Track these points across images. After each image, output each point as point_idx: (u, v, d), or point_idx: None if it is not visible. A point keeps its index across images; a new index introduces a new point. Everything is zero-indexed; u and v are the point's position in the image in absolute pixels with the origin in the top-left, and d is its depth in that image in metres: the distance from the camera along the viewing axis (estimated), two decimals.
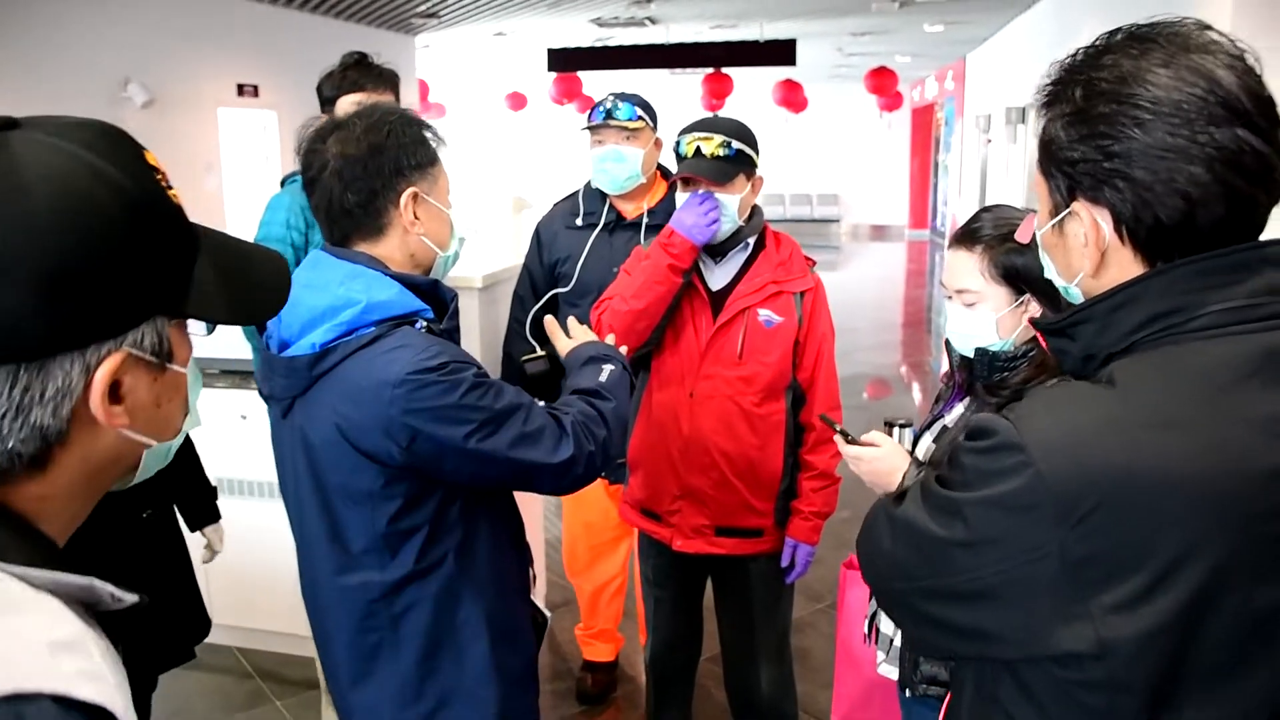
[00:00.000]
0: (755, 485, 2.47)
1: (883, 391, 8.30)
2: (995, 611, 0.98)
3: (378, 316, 1.48)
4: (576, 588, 3.58)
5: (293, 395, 1.54)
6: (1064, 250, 1.09)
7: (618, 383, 1.75)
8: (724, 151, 2.35)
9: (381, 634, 1.56)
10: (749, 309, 2.42)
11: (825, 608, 4.13)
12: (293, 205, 2.82)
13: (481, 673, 1.59)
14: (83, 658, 0.68)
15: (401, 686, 1.57)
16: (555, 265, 3.13)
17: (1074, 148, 1.01)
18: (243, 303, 0.90)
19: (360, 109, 1.63)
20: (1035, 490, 0.93)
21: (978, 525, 0.98)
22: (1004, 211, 1.83)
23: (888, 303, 13.38)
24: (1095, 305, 1.03)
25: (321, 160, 1.56)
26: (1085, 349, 1.05)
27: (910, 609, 1.11)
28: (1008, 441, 0.96)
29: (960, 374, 1.95)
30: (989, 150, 14.50)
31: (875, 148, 21.04)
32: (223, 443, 3.50)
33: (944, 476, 1.04)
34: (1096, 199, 1.02)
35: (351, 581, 1.54)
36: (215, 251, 0.88)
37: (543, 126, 19.64)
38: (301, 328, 1.52)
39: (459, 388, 1.44)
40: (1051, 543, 0.93)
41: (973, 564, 0.98)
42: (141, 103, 7.98)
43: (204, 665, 3.62)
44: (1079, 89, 1.01)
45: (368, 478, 1.48)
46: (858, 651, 2.29)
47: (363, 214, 1.56)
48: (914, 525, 1.05)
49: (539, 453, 1.51)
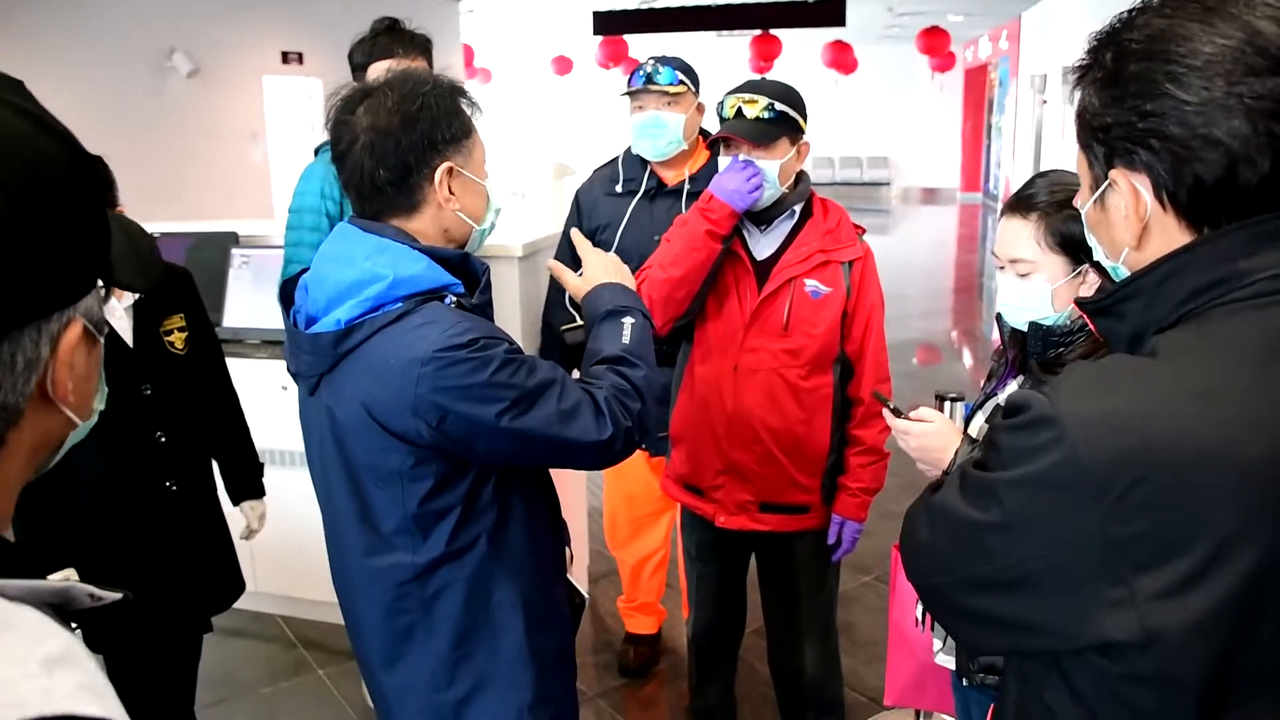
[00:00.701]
0: (801, 461, 2.40)
1: (933, 358, 8.16)
2: (1035, 600, 0.93)
3: (405, 292, 1.42)
4: (618, 560, 3.54)
5: (319, 373, 1.49)
6: (1107, 225, 1.04)
7: (642, 341, 1.65)
8: (767, 114, 2.26)
9: (414, 617, 1.52)
10: (795, 279, 2.34)
11: (871, 580, 4.07)
12: (327, 175, 2.78)
13: (516, 656, 1.55)
14: (79, 670, 0.63)
15: (435, 670, 1.53)
16: (595, 233, 3.06)
17: (1107, 112, 0.97)
18: (146, 266, 0.87)
19: (391, 76, 1.55)
20: (1069, 467, 0.88)
21: (1013, 507, 0.92)
22: (1060, 176, 1.72)
23: (938, 268, 13.15)
24: (1140, 279, 0.97)
25: (351, 132, 1.49)
26: (1134, 327, 0.99)
27: (951, 605, 1.06)
28: (1041, 415, 0.91)
29: (1012, 349, 1.86)
30: (1044, 112, 14.17)
31: (926, 109, 20.65)
32: (264, 414, 3.49)
33: (981, 459, 0.99)
34: (1133, 164, 0.97)
35: (382, 563, 1.50)
36: None
37: (588, 91, 19.52)
38: (328, 303, 1.47)
39: (489, 365, 1.38)
40: (1090, 523, 0.87)
41: (1009, 549, 0.93)
42: (186, 72, 8.03)
43: (248, 633, 3.65)
44: (1109, 53, 0.97)
45: (397, 458, 1.43)
46: (910, 634, 2.22)
47: (395, 191, 1.49)
48: (950, 511, 1.00)
49: (576, 430, 1.45)
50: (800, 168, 2.37)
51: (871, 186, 20.94)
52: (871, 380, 2.42)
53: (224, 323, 3.64)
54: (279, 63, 9.13)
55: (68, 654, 0.64)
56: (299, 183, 2.87)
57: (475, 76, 15.47)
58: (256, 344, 3.62)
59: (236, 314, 3.68)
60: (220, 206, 7.23)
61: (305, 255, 2.80)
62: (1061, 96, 12.74)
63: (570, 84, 18.70)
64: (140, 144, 7.25)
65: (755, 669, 3.28)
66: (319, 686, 3.36)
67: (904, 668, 2.33)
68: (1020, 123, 15.86)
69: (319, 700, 3.28)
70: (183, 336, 2.33)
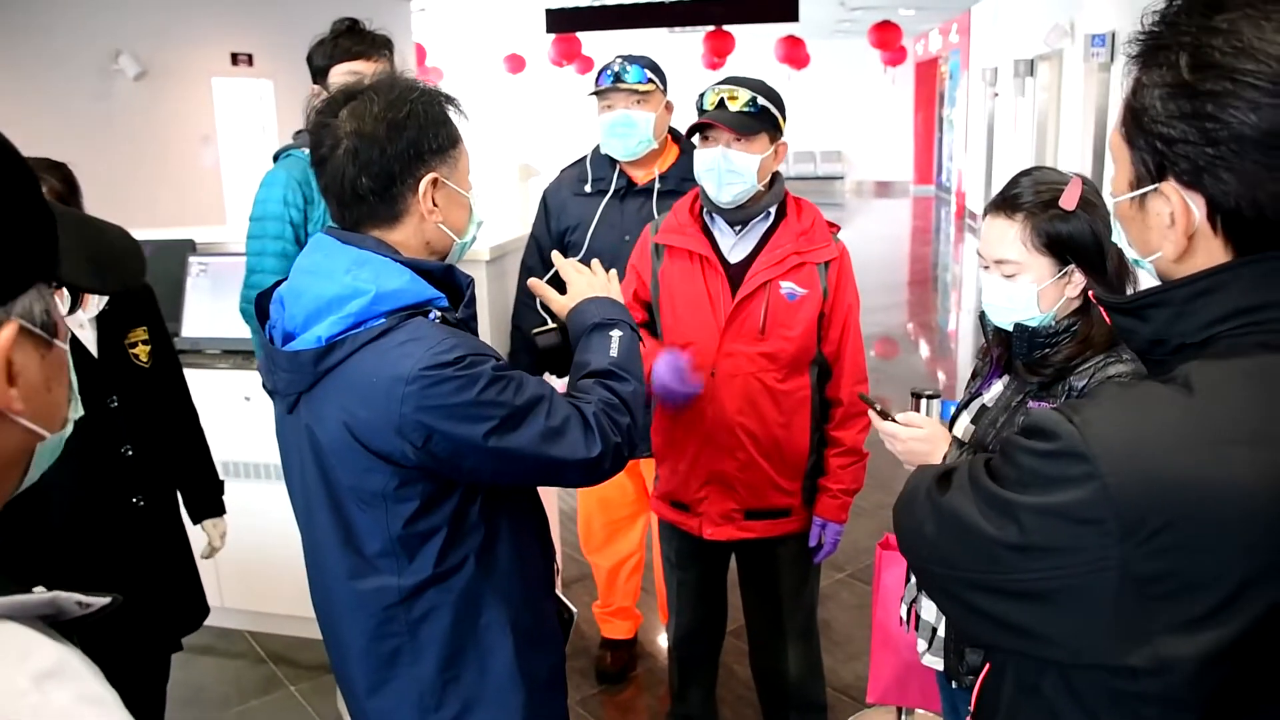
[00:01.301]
0: (782, 464, 2.38)
1: (890, 351, 8.20)
2: (1044, 614, 0.91)
3: (388, 307, 1.38)
4: (593, 565, 3.51)
5: (298, 391, 1.44)
6: (1141, 226, 0.98)
7: (630, 355, 1.62)
8: (749, 108, 2.24)
9: (400, 640, 1.47)
10: (770, 282, 2.31)
11: (845, 578, 4.07)
12: (289, 181, 2.71)
13: (506, 678, 1.51)
14: (75, 682, 0.62)
15: (422, 694, 1.49)
16: (564, 234, 3.02)
17: (1172, 124, 0.89)
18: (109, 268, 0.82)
19: (377, 80, 1.49)
20: (1100, 504, 0.85)
21: (1033, 531, 0.89)
22: (1044, 175, 1.72)
23: (893, 261, 13.25)
24: (1174, 290, 0.93)
25: (334, 136, 1.43)
26: (1156, 333, 0.96)
27: (950, 595, 1.03)
28: (1072, 449, 0.87)
29: (997, 349, 1.85)
30: (995, 104, 14.31)
31: (879, 103, 20.81)
32: (226, 425, 3.42)
33: (996, 470, 0.95)
34: (1191, 184, 0.90)
35: (367, 586, 1.45)
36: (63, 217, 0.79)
37: (542, 89, 19.42)
38: (306, 318, 1.41)
39: (477, 383, 1.34)
40: (1112, 557, 0.84)
41: (1023, 566, 0.90)
42: (134, 75, 7.85)
43: (216, 650, 3.57)
44: (1185, 55, 0.88)
45: (381, 478, 1.38)
46: (894, 632, 2.22)
47: (377, 200, 1.44)
48: (961, 518, 0.97)
49: (564, 448, 1.42)
50: (777, 168, 2.35)
51: (825, 180, 21.04)
52: (850, 381, 2.40)
53: (183, 333, 3.55)
54: (229, 64, 8.97)
55: (60, 666, 0.62)
56: (260, 189, 2.79)
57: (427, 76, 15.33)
58: (217, 354, 3.53)
59: (196, 323, 3.59)
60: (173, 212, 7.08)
61: (268, 264, 2.73)
62: (1013, 89, 12.88)
63: (523, 82, 18.59)
64: (88, 149, 7.06)
65: (734, 670, 3.26)
66: (291, 702, 3.29)
67: (887, 666, 2.33)
68: (972, 115, 16.02)
69: (292, 716, 3.21)
70: (146, 350, 2.29)
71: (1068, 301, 1.70)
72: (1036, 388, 1.72)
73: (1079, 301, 1.71)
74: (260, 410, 3.20)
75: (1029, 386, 1.73)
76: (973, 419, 1.84)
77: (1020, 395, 1.74)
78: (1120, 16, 8.25)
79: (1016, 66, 12.54)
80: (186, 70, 8.50)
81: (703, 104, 2.29)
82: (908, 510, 1.09)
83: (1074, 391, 1.67)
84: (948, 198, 18.28)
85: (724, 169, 2.25)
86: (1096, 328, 1.67)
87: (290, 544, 3.24)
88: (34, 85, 7.03)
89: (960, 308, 10.39)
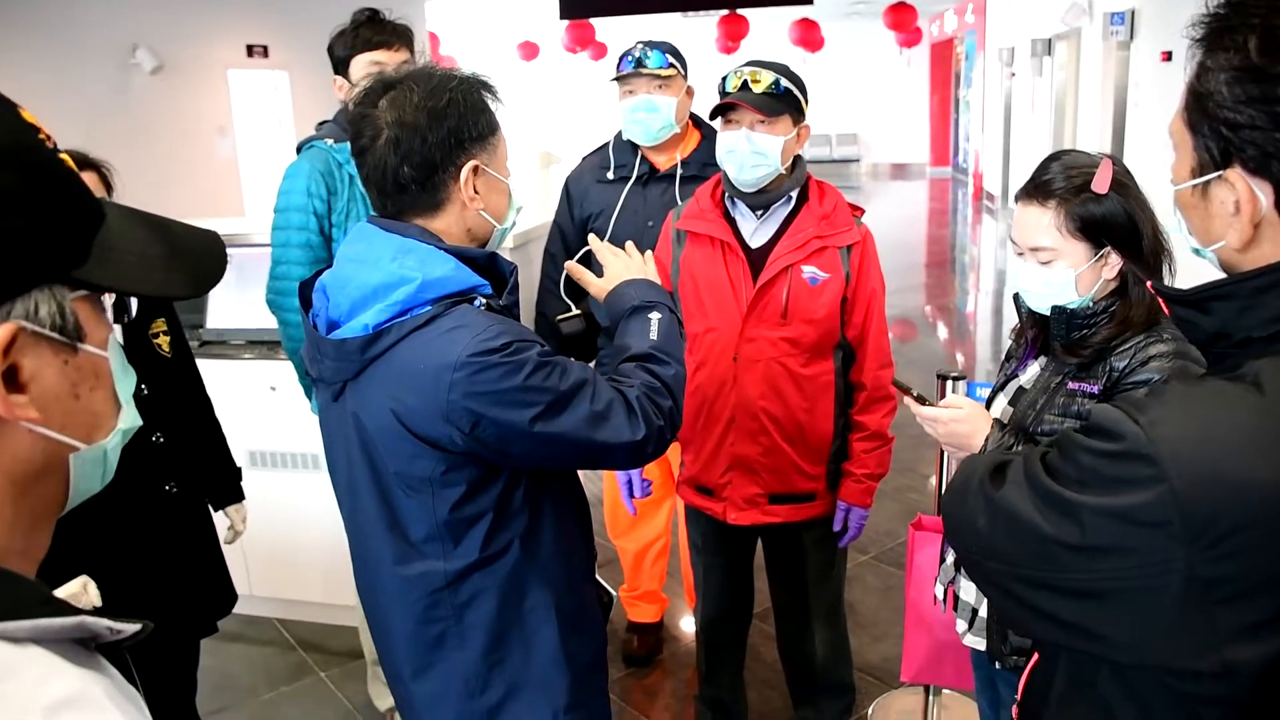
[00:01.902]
0: (805, 449, 2.39)
1: (909, 334, 8.18)
2: (1103, 614, 0.89)
3: (434, 294, 1.39)
4: (619, 549, 3.53)
5: (344, 379, 1.45)
6: (1204, 215, 0.96)
7: (670, 336, 1.62)
8: (773, 90, 2.24)
9: (446, 624, 1.49)
10: (792, 267, 2.31)
11: (869, 560, 4.08)
12: (312, 172, 2.72)
13: (550, 661, 1.53)
14: (91, 711, 0.60)
15: (467, 678, 1.51)
16: (587, 221, 3.03)
17: (1239, 110, 0.87)
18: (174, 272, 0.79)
19: (417, 70, 1.50)
20: (1166, 507, 0.83)
21: (1095, 532, 0.87)
22: (1074, 159, 1.71)
23: (910, 243, 13.17)
24: (1241, 283, 0.91)
25: (374, 126, 1.44)
26: (1220, 326, 0.93)
27: (1004, 590, 1.01)
28: (1137, 450, 0.85)
29: (1032, 330, 1.84)
30: (1013, 84, 14.20)
31: (894, 85, 20.65)
32: (252, 415, 3.45)
33: (1054, 466, 0.93)
34: (1258, 171, 0.88)
35: (413, 571, 1.47)
36: (126, 219, 0.77)
37: (556, 76, 19.37)
38: (352, 307, 1.42)
39: (523, 369, 1.35)
40: (1177, 560, 0.83)
41: (1083, 566, 0.89)
42: (150, 69, 7.89)
43: (246, 638, 3.61)
44: (1254, 37, 0.85)
45: (428, 464, 1.40)
46: (928, 612, 2.23)
47: (419, 189, 1.45)
48: (1017, 515, 0.94)
49: (609, 432, 1.43)
50: (799, 151, 2.35)
51: (841, 164, 20.92)
52: (874, 365, 2.40)
53: (208, 324, 3.58)
54: (244, 56, 8.99)
55: (78, 696, 0.60)
56: (283, 181, 2.81)
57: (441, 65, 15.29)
58: (241, 344, 3.56)
59: (220, 315, 3.61)
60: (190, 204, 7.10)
61: (293, 255, 2.75)
62: (1030, 69, 12.77)
63: (537, 70, 18.55)
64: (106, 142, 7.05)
65: (759, 653, 3.27)
66: (321, 689, 3.32)
67: (921, 645, 2.34)
68: (988, 96, 15.90)
69: (322, 703, 3.25)
70: (167, 340, 2.36)
71: (1105, 284, 1.69)
72: (1075, 368, 1.72)
73: (1116, 283, 1.70)
74: (286, 400, 3.22)
75: (1067, 368, 1.73)
76: (1010, 401, 1.84)
77: (1059, 377, 1.74)
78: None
79: (1034, 46, 12.43)
80: (203, 63, 8.53)
81: (725, 86, 2.28)
82: (959, 502, 1.06)
83: (1114, 371, 1.66)
84: (964, 179, 18.16)
85: (747, 151, 2.25)
86: (1135, 308, 1.67)
87: (318, 532, 3.26)
88: (52, 79, 7.06)
89: (979, 289, 10.35)
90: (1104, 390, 1.67)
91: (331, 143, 2.74)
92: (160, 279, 0.78)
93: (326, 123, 2.88)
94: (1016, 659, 1.79)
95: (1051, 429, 1.70)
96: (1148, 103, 7.90)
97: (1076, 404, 1.69)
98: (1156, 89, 7.64)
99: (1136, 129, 8.32)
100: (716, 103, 2.30)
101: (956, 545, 1.10)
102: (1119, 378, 1.66)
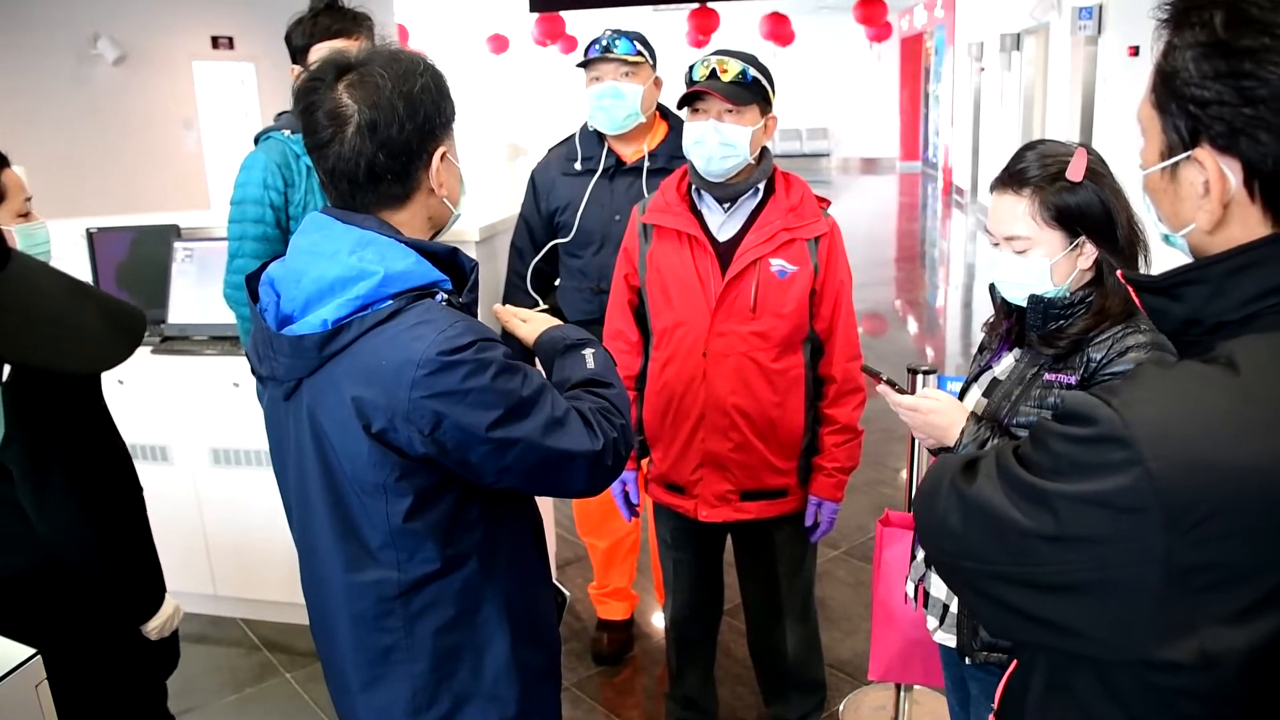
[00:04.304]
0: (776, 444, 2.37)
1: (879, 328, 8.20)
2: (1081, 608, 0.86)
3: (396, 289, 1.33)
4: (589, 546, 3.49)
5: (298, 377, 1.39)
6: (1174, 198, 0.94)
7: (606, 366, 1.60)
8: (741, 78, 2.21)
9: (396, 635, 1.43)
10: (760, 260, 2.29)
11: (841, 555, 4.07)
12: (269, 164, 2.67)
13: (501, 672, 1.48)
14: None
15: (415, 691, 1.45)
16: (554, 214, 2.99)
17: (1206, 86, 0.86)
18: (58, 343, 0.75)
19: (373, 53, 1.41)
20: (1142, 491, 0.80)
21: (1070, 521, 0.85)
22: (1049, 148, 1.69)
23: (881, 237, 13.22)
24: (1211, 266, 0.89)
25: (338, 112, 1.36)
26: (1191, 312, 0.91)
27: (979, 590, 0.98)
28: (1112, 434, 0.83)
29: (1006, 322, 1.83)
30: (982, 79, 14.27)
31: (864, 80, 20.72)
32: (215, 412, 3.39)
33: (1026, 457, 0.91)
34: (1227, 148, 0.87)
35: (365, 579, 1.41)
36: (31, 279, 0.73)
37: (525, 70, 19.28)
38: (307, 301, 1.36)
39: (488, 369, 1.30)
40: (1156, 548, 0.80)
41: (1059, 558, 0.86)
42: (113, 59, 7.76)
43: (210, 639, 3.55)
44: (1219, 13, 0.85)
45: (383, 470, 1.34)
46: (897, 610, 2.21)
47: (393, 179, 1.39)
48: (991, 509, 0.92)
49: (569, 439, 1.38)
50: (767, 142, 2.33)
51: (811, 158, 20.98)
52: (843, 358, 2.38)
53: (169, 319, 3.51)
54: (209, 47, 8.87)
55: None
56: (240, 173, 2.75)
57: None
58: (204, 340, 3.49)
59: (182, 310, 3.54)
60: (155, 197, 7.02)
61: (249, 248, 2.70)
62: (999, 64, 12.84)
63: (507, 63, 18.46)
64: (68, 135, 6.99)
65: (730, 650, 3.26)
66: (287, 691, 3.27)
67: (889, 643, 2.32)
68: (958, 91, 15.97)
69: (288, 705, 3.19)
70: None
71: (1080, 273, 1.69)
72: (1051, 360, 1.71)
73: (1092, 273, 1.70)
74: (249, 396, 3.17)
75: (1043, 359, 1.72)
76: (984, 392, 1.83)
77: (1035, 368, 1.73)
78: None
79: (1003, 41, 12.49)
80: (167, 54, 8.41)
81: (693, 75, 2.25)
82: (930, 503, 1.03)
83: (1092, 363, 1.65)
84: (934, 174, 18.25)
85: (715, 141, 2.22)
86: (1111, 298, 1.66)
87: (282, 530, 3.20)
88: (11, 70, 6.94)
89: (948, 284, 10.39)
90: (1081, 381, 1.66)
91: (289, 133, 2.69)
92: (36, 351, 0.74)
93: (285, 113, 2.83)
94: (986, 655, 1.78)
95: (1027, 420, 1.69)
96: (1116, 97, 7.95)
97: (1053, 395, 1.68)
98: (1124, 84, 7.69)
99: (1104, 123, 8.37)
100: (684, 92, 2.27)
101: (930, 548, 1.07)
102: (1096, 369, 1.65)
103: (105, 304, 0.82)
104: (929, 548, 1.07)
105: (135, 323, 0.85)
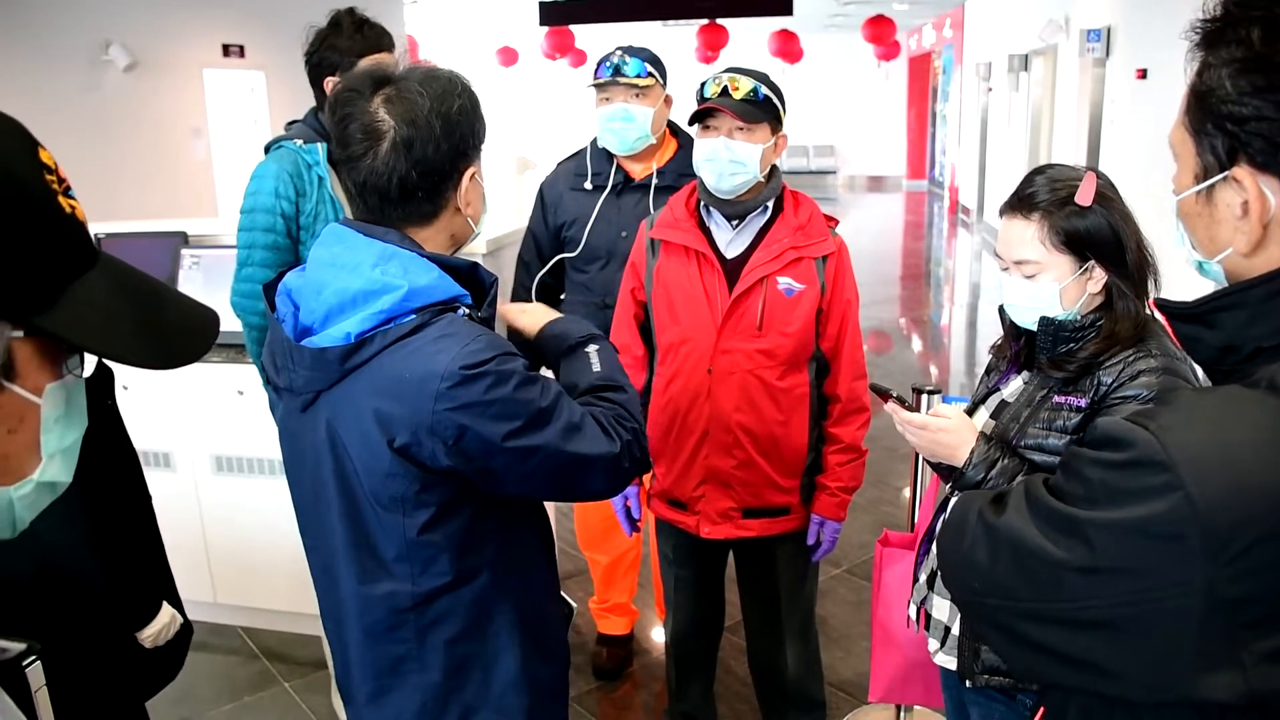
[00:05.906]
0: (780, 463, 2.36)
1: (884, 346, 8.19)
2: (1116, 646, 0.82)
3: (419, 303, 1.34)
4: (590, 560, 3.49)
5: (317, 389, 1.39)
6: (1209, 221, 0.91)
7: (611, 365, 1.61)
8: (753, 96, 2.22)
9: (408, 646, 1.44)
10: (767, 277, 2.29)
11: (842, 574, 4.06)
12: (280, 173, 2.67)
13: (510, 685, 1.48)
14: None
15: (425, 702, 1.46)
16: (561, 228, 3.00)
17: (1245, 102, 0.83)
18: (145, 340, 0.77)
19: (410, 69, 1.42)
20: (1183, 518, 0.76)
21: (1106, 550, 0.81)
22: (1058, 173, 1.70)
23: (886, 255, 13.23)
24: (1248, 290, 0.86)
25: (374, 127, 1.37)
26: (1228, 339, 0.88)
27: (1007, 630, 0.94)
28: (1150, 458, 0.79)
29: (1015, 345, 1.83)
30: (989, 99, 14.30)
31: (872, 98, 20.78)
32: (220, 420, 3.39)
33: (1058, 487, 0.87)
34: (1266, 166, 0.84)
35: (378, 591, 1.42)
36: (117, 278, 0.74)
37: (535, 83, 19.35)
38: (328, 313, 1.36)
39: (510, 380, 1.32)
40: (1197, 579, 0.76)
41: (1093, 592, 0.82)
42: (124, 66, 7.80)
43: (209, 647, 3.54)
44: (1257, 29, 0.82)
45: (403, 482, 1.35)
46: (897, 631, 2.20)
47: (424, 197, 1.40)
48: (1021, 541, 0.88)
49: (587, 444, 1.39)
50: (776, 160, 2.33)
51: (818, 175, 21.02)
52: (849, 377, 2.38)
53: None
54: (220, 55, 8.91)
55: None
56: (250, 182, 2.75)
57: None
58: None
59: None
60: (164, 204, 7.04)
61: (259, 257, 2.70)
62: (1007, 84, 12.86)
63: (516, 76, 18.53)
64: (78, 141, 7.01)
65: (730, 666, 3.25)
66: (285, 700, 3.26)
67: (889, 664, 2.31)
68: (965, 111, 16.00)
69: (286, 715, 3.19)
70: None
71: (1090, 298, 1.69)
72: (1060, 383, 1.71)
73: (1102, 297, 1.70)
74: (253, 405, 3.17)
75: (1052, 382, 1.72)
76: (992, 414, 1.83)
77: (1044, 390, 1.73)
78: (1115, 11, 8.23)
79: (1010, 61, 12.52)
80: (178, 61, 8.44)
81: (704, 92, 2.26)
82: (955, 537, 0.99)
83: (1103, 386, 1.65)
84: (940, 193, 18.27)
85: (726, 159, 2.23)
86: (1121, 322, 1.67)
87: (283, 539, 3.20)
88: (24, 77, 6.97)
89: (953, 303, 10.39)
90: (1091, 404, 1.66)
91: (301, 143, 2.69)
92: (120, 344, 0.75)
93: (296, 123, 2.83)
94: (988, 679, 1.77)
95: (1035, 442, 1.69)
96: (1123, 120, 7.96)
97: (1062, 418, 1.68)
98: (1131, 106, 7.69)
99: (1111, 146, 8.38)
100: (695, 109, 2.27)
101: (955, 586, 1.03)
102: (1107, 392, 1.65)
103: (182, 304, 0.86)
104: (954, 587, 1.04)
105: (209, 325, 0.88)
